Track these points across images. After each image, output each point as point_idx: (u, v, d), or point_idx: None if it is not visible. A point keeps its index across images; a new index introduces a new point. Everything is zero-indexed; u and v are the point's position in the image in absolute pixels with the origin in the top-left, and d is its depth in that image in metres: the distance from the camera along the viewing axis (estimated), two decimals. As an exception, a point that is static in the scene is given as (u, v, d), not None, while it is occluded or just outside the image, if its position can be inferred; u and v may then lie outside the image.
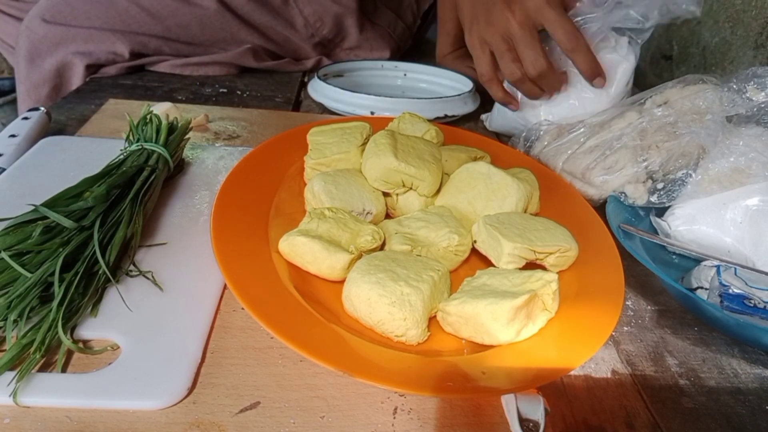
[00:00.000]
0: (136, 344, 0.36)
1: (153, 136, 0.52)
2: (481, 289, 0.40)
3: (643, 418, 0.37)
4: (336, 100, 0.77)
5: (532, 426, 0.33)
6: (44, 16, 0.81)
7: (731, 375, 0.42)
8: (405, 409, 0.35)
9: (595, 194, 0.58)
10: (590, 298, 0.43)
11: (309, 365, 0.37)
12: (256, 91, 0.85)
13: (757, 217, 0.51)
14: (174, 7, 0.85)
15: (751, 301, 0.44)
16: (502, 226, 0.45)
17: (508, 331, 0.38)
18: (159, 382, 0.34)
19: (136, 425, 0.32)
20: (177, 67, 0.88)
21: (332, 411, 0.35)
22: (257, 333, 0.40)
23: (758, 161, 0.52)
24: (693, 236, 0.53)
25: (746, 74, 0.56)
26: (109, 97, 0.76)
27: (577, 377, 0.40)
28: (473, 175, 0.50)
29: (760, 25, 0.78)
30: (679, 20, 0.63)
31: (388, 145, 0.49)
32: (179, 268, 0.44)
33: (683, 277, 0.50)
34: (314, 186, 0.48)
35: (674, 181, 0.55)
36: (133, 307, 0.39)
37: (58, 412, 0.32)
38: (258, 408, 0.34)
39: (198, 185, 0.55)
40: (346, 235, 0.44)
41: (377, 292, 0.38)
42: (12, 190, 0.50)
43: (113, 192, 0.44)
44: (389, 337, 0.39)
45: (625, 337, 0.44)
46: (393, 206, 0.52)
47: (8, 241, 0.38)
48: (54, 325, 0.35)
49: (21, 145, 0.57)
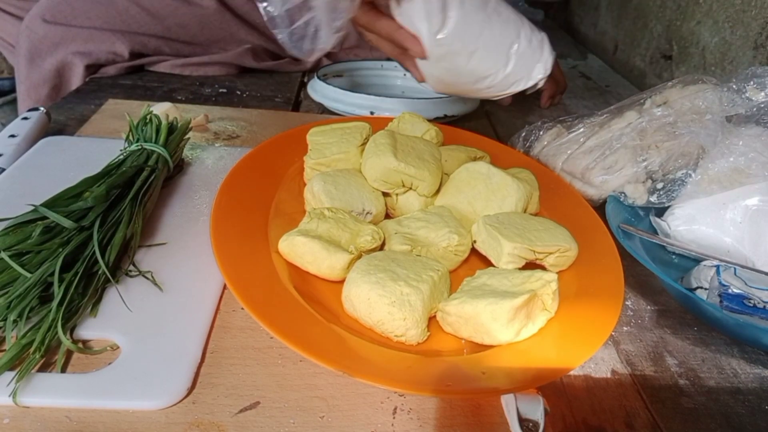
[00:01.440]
0: (135, 344, 0.36)
1: (153, 137, 0.52)
2: (480, 289, 0.40)
3: (643, 418, 0.37)
4: (336, 100, 0.77)
5: (532, 426, 0.33)
6: (44, 16, 0.81)
7: (731, 375, 0.42)
8: (405, 409, 0.35)
9: (594, 194, 0.58)
10: (590, 298, 0.43)
11: (309, 365, 0.37)
12: (255, 91, 0.85)
13: (757, 217, 0.51)
14: (173, 7, 0.85)
15: (750, 301, 0.44)
16: (502, 226, 0.45)
17: (507, 331, 0.38)
18: (159, 382, 0.34)
19: (136, 425, 0.32)
20: (177, 67, 0.87)
21: (332, 411, 0.35)
22: (257, 333, 0.40)
23: (758, 161, 0.52)
24: (693, 236, 0.53)
25: (746, 74, 0.56)
26: (109, 97, 0.76)
27: (576, 377, 0.40)
28: (473, 175, 0.50)
29: (759, 25, 0.78)
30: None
31: (388, 145, 0.49)
32: (179, 268, 0.44)
33: (683, 277, 0.50)
34: (314, 186, 0.48)
35: (674, 181, 0.55)
36: (132, 307, 0.39)
37: (58, 412, 0.32)
38: (258, 408, 0.34)
39: (198, 185, 0.55)
40: (346, 235, 0.44)
41: (377, 292, 0.38)
42: (12, 190, 0.50)
43: (113, 192, 0.44)
44: (389, 337, 0.39)
45: (624, 337, 0.44)
46: (393, 206, 0.52)
47: (8, 241, 0.38)
48: (54, 325, 0.35)
49: (21, 145, 0.57)
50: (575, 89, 1.02)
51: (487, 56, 0.62)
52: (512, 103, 0.89)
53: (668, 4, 1.01)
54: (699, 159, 0.55)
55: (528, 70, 0.65)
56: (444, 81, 0.65)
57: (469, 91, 0.67)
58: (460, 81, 0.65)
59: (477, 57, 0.62)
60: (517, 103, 0.89)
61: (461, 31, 0.60)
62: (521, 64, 0.64)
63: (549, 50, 0.67)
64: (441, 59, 0.61)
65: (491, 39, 0.62)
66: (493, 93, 0.67)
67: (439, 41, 0.59)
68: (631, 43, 1.14)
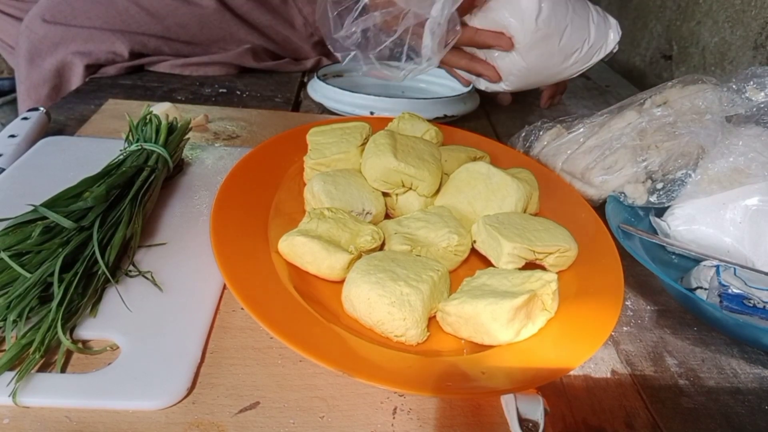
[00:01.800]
0: (135, 344, 0.36)
1: (152, 137, 0.52)
2: (480, 289, 0.40)
3: (643, 418, 0.37)
4: (335, 100, 0.77)
5: (532, 426, 0.33)
6: (44, 16, 0.81)
7: (731, 375, 0.42)
8: (405, 409, 0.35)
9: (594, 194, 0.58)
10: (590, 298, 0.43)
11: (309, 365, 0.37)
12: (255, 91, 0.85)
13: (757, 217, 0.51)
14: (173, 7, 0.85)
15: (750, 301, 0.44)
16: (502, 226, 0.45)
17: (507, 331, 0.38)
18: (159, 382, 0.34)
19: (136, 425, 0.32)
20: (177, 67, 0.87)
21: (332, 411, 0.35)
22: (257, 333, 0.40)
23: (757, 161, 0.52)
24: (692, 236, 0.53)
25: (745, 74, 0.56)
26: (109, 97, 0.76)
27: (576, 377, 0.40)
28: (473, 175, 0.50)
29: (759, 25, 0.78)
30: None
31: (388, 145, 0.49)
32: (179, 268, 0.44)
33: (683, 277, 0.50)
34: (314, 186, 0.48)
35: (674, 181, 0.55)
36: (132, 307, 0.39)
37: (58, 413, 0.32)
38: (257, 408, 0.34)
39: (197, 185, 0.55)
40: (346, 235, 0.44)
41: (377, 292, 0.38)
42: (11, 190, 0.50)
43: (113, 192, 0.44)
44: (389, 337, 0.39)
45: (624, 337, 0.44)
46: (393, 206, 0.52)
47: (8, 242, 0.38)
48: (53, 325, 0.35)
49: (20, 145, 0.57)
50: (575, 89, 1.02)
51: (574, 31, 0.66)
52: (512, 103, 0.89)
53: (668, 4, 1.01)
54: (699, 159, 0.55)
55: (604, 36, 0.69)
56: (532, 70, 0.67)
57: (553, 74, 0.70)
58: (549, 64, 0.67)
59: (567, 34, 0.65)
60: (517, 103, 0.90)
61: (555, 11, 0.63)
62: (599, 32, 0.68)
63: (610, 16, 0.70)
64: (534, 46, 0.64)
65: (575, 14, 0.65)
66: (576, 69, 0.70)
67: (537, 26, 0.62)
68: (631, 43, 1.14)
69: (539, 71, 0.68)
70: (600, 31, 0.68)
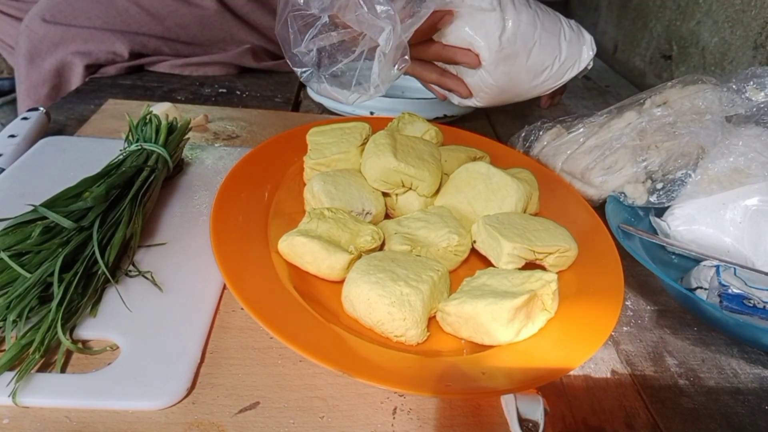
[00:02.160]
0: (135, 344, 0.36)
1: (152, 137, 0.52)
2: (480, 289, 0.40)
3: (643, 418, 0.37)
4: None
5: (532, 426, 0.33)
6: (44, 16, 0.81)
7: (731, 375, 0.42)
8: (405, 410, 0.35)
9: (594, 194, 0.58)
10: (590, 298, 0.43)
11: (308, 365, 0.37)
12: (255, 91, 0.85)
13: (757, 217, 0.51)
14: (174, 7, 0.85)
15: (750, 301, 0.44)
16: (502, 226, 0.45)
17: (507, 331, 0.38)
18: (158, 382, 0.34)
19: (136, 425, 0.32)
20: (176, 68, 0.87)
21: (332, 411, 0.35)
22: (257, 333, 0.40)
23: (757, 161, 0.52)
24: (692, 236, 0.53)
25: (745, 74, 0.56)
26: (109, 97, 0.76)
27: (576, 377, 0.40)
28: (473, 175, 0.50)
29: (759, 25, 0.78)
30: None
31: (388, 145, 0.49)
32: (179, 268, 0.44)
33: (683, 277, 0.50)
34: (314, 186, 0.48)
35: (673, 181, 0.55)
36: (132, 307, 0.39)
37: (58, 413, 0.32)
38: (257, 408, 0.34)
39: (197, 185, 0.55)
40: (346, 235, 0.44)
41: (377, 293, 0.38)
42: (11, 190, 0.50)
43: (112, 192, 0.44)
44: (389, 338, 0.39)
45: (624, 337, 0.44)
46: (393, 206, 0.52)
47: (8, 242, 0.38)
48: (53, 325, 0.35)
49: (20, 145, 0.57)
50: (575, 89, 1.02)
51: (543, 49, 0.64)
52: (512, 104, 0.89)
53: (668, 4, 1.01)
54: (699, 159, 0.55)
55: (577, 53, 0.67)
56: (500, 87, 0.66)
57: (524, 92, 0.69)
58: (519, 81, 0.66)
59: (535, 52, 0.64)
60: (517, 104, 0.89)
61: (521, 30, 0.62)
62: (571, 49, 0.66)
63: (586, 32, 0.68)
64: (501, 63, 0.63)
65: (544, 31, 0.64)
66: (548, 86, 0.69)
67: (502, 44, 0.61)
68: (630, 43, 1.14)
69: (509, 88, 0.66)
70: (572, 48, 0.66)
